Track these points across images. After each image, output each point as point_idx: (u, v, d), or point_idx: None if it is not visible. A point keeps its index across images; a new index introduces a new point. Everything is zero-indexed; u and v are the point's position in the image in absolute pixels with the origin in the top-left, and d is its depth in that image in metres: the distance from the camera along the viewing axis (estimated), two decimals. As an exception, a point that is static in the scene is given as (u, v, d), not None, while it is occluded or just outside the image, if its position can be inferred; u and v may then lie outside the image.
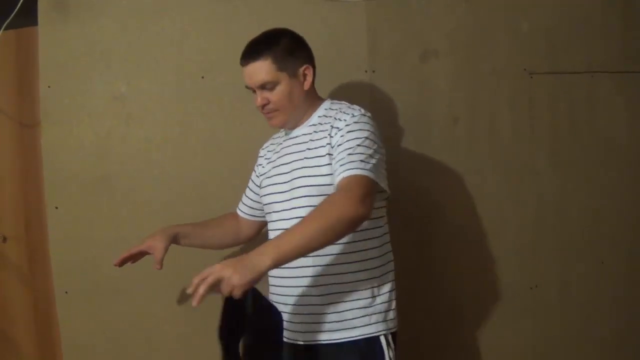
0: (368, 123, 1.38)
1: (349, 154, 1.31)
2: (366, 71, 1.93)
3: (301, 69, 1.44)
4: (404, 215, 1.95)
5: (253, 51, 1.43)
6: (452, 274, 2.01)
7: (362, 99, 1.92)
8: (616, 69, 2.07)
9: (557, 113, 2.03)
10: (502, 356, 2.05)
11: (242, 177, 1.91)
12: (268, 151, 1.61)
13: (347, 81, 1.93)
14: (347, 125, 1.37)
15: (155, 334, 1.93)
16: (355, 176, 1.28)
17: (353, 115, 1.39)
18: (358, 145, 1.33)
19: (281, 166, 1.49)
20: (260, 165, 1.64)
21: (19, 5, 1.88)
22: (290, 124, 1.51)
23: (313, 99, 1.50)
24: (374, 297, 1.41)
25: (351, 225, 1.23)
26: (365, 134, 1.35)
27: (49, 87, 1.90)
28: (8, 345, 2.11)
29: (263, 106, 1.45)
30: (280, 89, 1.42)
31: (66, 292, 1.93)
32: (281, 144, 1.55)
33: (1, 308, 2.10)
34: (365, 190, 1.26)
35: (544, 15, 2.02)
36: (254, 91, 1.46)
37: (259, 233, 1.74)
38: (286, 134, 1.55)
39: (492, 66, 2.00)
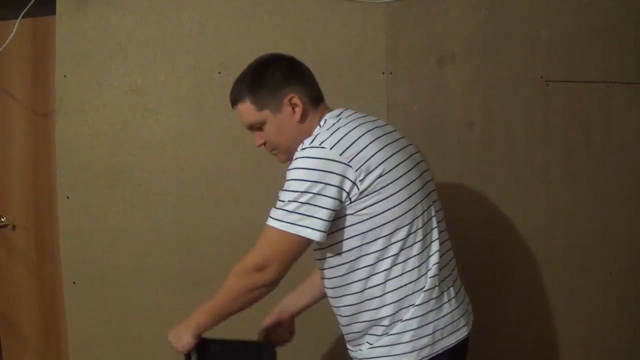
0: (307, 157, 1.20)
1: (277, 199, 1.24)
2: (383, 73, 1.93)
3: (285, 100, 1.29)
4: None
5: (234, 92, 1.33)
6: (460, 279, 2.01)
7: (378, 101, 1.93)
8: (632, 79, 2.06)
9: (572, 122, 2.03)
10: (508, 363, 2.05)
11: (255, 173, 1.92)
12: None
13: (364, 82, 1.93)
14: (292, 161, 1.24)
15: (163, 326, 1.90)
16: (265, 228, 1.22)
17: (300, 150, 1.23)
18: (285, 190, 1.21)
19: None
20: None
21: (38, -7, 1.88)
22: None
23: (314, 121, 1.32)
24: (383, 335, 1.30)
25: (253, 293, 1.23)
26: (296, 173, 1.20)
27: (65, 76, 1.90)
28: (14, 333, 2.11)
29: (263, 145, 1.35)
30: (268, 128, 1.31)
31: (74, 283, 1.93)
32: None
33: (8, 296, 2.10)
34: (262, 256, 1.21)
35: (562, 24, 2.01)
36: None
37: None
38: None
39: (509, 73, 1.99)
